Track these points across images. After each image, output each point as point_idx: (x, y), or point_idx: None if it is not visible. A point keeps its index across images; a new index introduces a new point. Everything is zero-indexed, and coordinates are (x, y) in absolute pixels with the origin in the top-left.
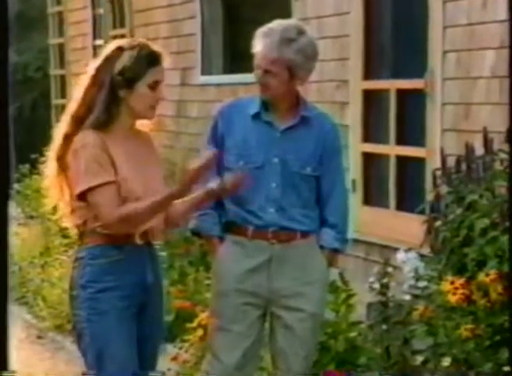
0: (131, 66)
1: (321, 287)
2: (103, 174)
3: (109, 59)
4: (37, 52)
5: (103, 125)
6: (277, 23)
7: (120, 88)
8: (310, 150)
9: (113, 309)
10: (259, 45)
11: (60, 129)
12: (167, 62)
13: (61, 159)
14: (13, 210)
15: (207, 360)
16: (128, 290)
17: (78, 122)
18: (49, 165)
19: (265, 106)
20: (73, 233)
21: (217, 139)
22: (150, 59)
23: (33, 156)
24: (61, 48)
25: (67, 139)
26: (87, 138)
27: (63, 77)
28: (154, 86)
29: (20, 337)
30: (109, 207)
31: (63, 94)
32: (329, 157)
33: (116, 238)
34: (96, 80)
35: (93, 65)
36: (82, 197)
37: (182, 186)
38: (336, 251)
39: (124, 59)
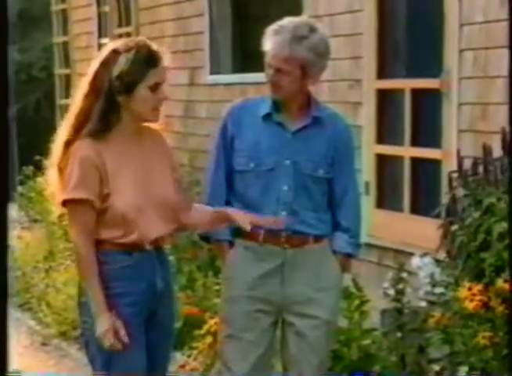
0: (128, 69)
1: (335, 293)
2: (82, 190)
3: (106, 64)
4: (41, 51)
5: (101, 133)
6: (288, 21)
7: (119, 94)
8: (322, 151)
9: (121, 315)
10: (270, 43)
11: (60, 136)
12: (168, 61)
13: (60, 166)
14: (16, 213)
15: (217, 369)
16: (136, 296)
17: (77, 129)
18: (50, 173)
19: (276, 106)
20: None
21: (226, 141)
22: (149, 61)
23: (37, 157)
24: (65, 46)
25: (66, 146)
26: (80, 149)
27: (67, 77)
28: (155, 88)
29: (24, 344)
30: (76, 226)
31: (68, 94)
32: (342, 159)
33: (124, 244)
34: (94, 86)
35: (91, 69)
36: (64, 207)
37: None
38: (349, 255)
39: (121, 63)
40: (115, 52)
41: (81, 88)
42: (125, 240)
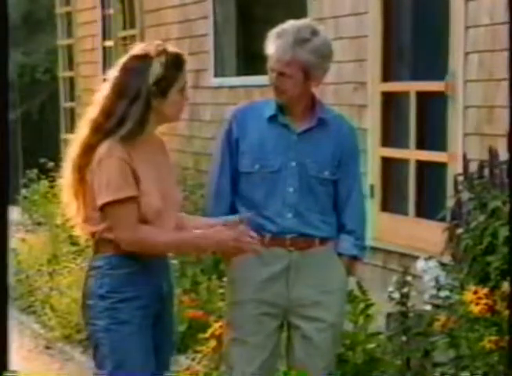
0: (164, 74)
1: (340, 295)
2: (126, 188)
3: (139, 69)
4: (45, 54)
5: (135, 137)
6: (290, 24)
7: (154, 98)
8: (328, 153)
9: (133, 318)
10: (272, 46)
11: (80, 138)
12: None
13: (81, 169)
14: (20, 216)
15: (221, 372)
16: (146, 300)
17: (99, 131)
18: (66, 174)
19: (281, 108)
20: (82, 240)
21: (231, 144)
22: (178, 64)
23: (41, 160)
24: (70, 49)
25: (90, 149)
26: (113, 149)
27: (71, 80)
28: (183, 90)
29: (28, 347)
30: (127, 226)
31: (72, 97)
32: (347, 161)
33: None
34: (119, 90)
35: (116, 73)
36: (103, 208)
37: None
38: (355, 258)
39: (157, 68)
40: (148, 58)
41: (104, 91)
42: None
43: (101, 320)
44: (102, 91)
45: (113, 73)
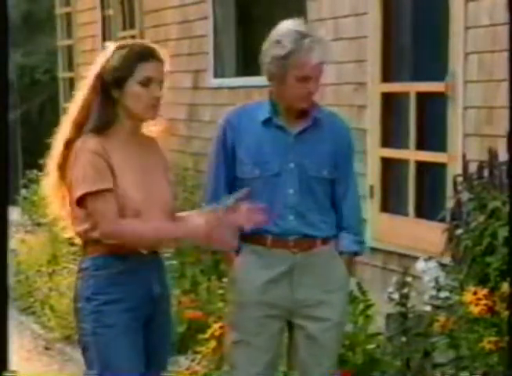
0: (118, 64)
1: (344, 294)
2: (101, 180)
3: (104, 61)
4: (45, 55)
5: (103, 129)
6: (304, 26)
7: (112, 89)
8: (325, 152)
9: (118, 321)
10: (309, 54)
11: (61, 135)
12: (166, 58)
13: (62, 166)
14: (20, 217)
15: (222, 373)
16: (133, 302)
17: (78, 128)
18: (50, 173)
19: (275, 110)
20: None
21: (227, 150)
22: (139, 55)
23: (40, 161)
24: (69, 50)
25: (68, 145)
26: (86, 143)
27: (71, 80)
28: (146, 83)
29: (28, 348)
30: (107, 217)
31: (72, 97)
32: (344, 159)
33: (120, 248)
34: (93, 83)
35: (92, 69)
36: (81, 203)
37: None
38: (355, 254)
39: (114, 59)
40: (113, 52)
41: (82, 87)
42: None
43: (87, 324)
44: (81, 87)
45: (92, 67)
